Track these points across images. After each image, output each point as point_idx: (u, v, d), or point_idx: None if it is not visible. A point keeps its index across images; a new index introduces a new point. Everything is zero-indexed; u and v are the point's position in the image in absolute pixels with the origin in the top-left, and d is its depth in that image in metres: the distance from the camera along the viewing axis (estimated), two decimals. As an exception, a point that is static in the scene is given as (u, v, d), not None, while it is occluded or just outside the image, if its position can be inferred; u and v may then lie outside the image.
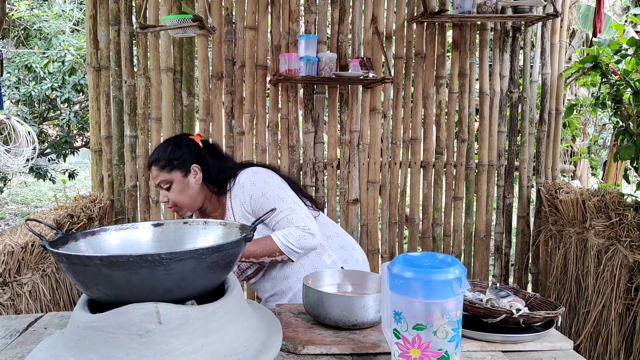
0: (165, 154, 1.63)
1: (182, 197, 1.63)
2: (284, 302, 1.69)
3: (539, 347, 1.06)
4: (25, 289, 1.78)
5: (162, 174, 1.62)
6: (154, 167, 1.64)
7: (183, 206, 1.65)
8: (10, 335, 1.10)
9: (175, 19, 2.13)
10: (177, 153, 1.63)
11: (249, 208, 1.61)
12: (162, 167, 1.62)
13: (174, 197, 1.63)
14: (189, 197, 1.64)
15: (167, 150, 1.64)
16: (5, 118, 4.51)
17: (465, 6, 2.63)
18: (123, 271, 0.83)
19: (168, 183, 1.62)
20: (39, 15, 6.42)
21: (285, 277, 1.67)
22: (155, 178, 1.64)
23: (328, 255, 1.69)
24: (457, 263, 0.88)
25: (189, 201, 1.64)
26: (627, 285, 2.23)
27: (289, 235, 1.56)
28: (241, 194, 1.62)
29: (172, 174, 1.62)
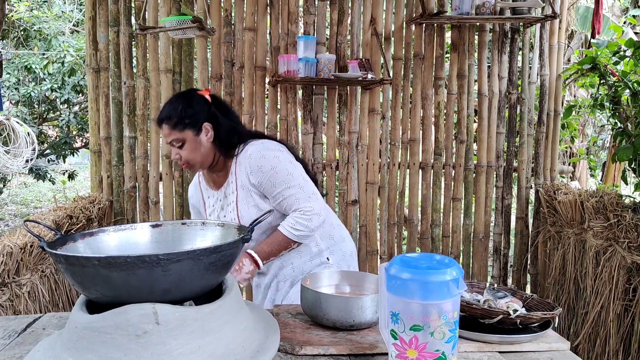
0: (177, 112, 1.60)
1: (194, 155, 1.61)
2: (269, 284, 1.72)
3: (536, 347, 1.06)
4: (24, 289, 1.78)
5: (174, 133, 1.60)
6: (165, 125, 1.61)
7: (195, 164, 1.63)
8: (9, 336, 1.10)
9: (174, 20, 2.14)
10: (189, 111, 1.60)
11: (255, 180, 1.59)
12: (174, 126, 1.59)
13: (186, 155, 1.61)
14: (201, 155, 1.62)
15: (179, 108, 1.60)
16: (5, 119, 4.51)
17: (464, 7, 2.64)
18: (121, 272, 0.83)
19: (180, 142, 1.60)
20: (39, 16, 6.42)
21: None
22: (167, 136, 1.61)
23: (316, 243, 1.69)
24: (454, 264, 0.88)
25: (201, 159, 1.63)
26: (625, 286, 2.23)
27: (296, 225, 1.56)
28: (248, 164, 1.60)
29: (184, 132, 1.59)
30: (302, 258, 1.68)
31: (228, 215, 1.66)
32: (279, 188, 1.57)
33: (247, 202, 1.61)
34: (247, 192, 1.61)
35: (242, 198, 1.62)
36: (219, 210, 1.69)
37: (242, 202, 1.62)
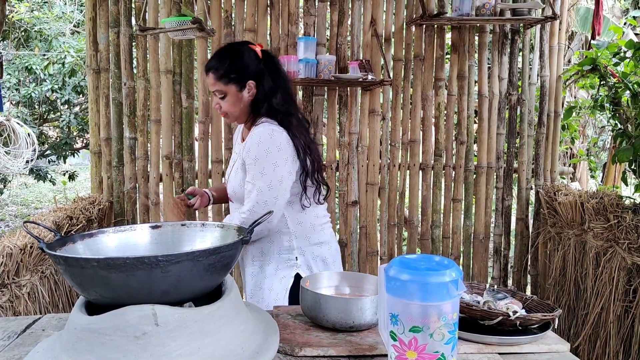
0: (224, 65, 1.62)
1: (234, 109, 1.65)
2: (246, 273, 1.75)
3: (535, 349, 1.06)
4: (24, 290, 1.78)
5: (218, 84, 1.63)
6: (211, 74, 1.64)
7: (233, 116, 1.68)
8: (8, 337, 1.10)
9: (174, 21, 2.14)
10: (236, 66, 1.62)
11: (244, 155, 1.62)
12: (219, 78, 1.62)
13: (226, 107, 1.65)
14: (239, 110, 1.66)
15: (227, 61, 1.62)
16: (5, 120, 4.52)
17: (464, 9, 2.64)
18: (120, 273, 0.83)
19: (222, 94, 1.64)
20: (39, 17, 6.43)
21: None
22: (211, 85, 1.65)
23: (289, 238, 1.69)
24: (454, 265, 0.88)
25: (238, 114, 1.67)
26: (626, 288, 2.23)
27: (232, 219, 1.62)
28: (249, 140, 1.63)
29: (228, 86, 1.63)
30: (272, 247, 1.69)
31: (229, 171, 1.75)
32: (249, 177, 1.60)
33: (237, 170, 1.67)
34: (241, 163, 1.65)
35: (236, 165, 1.68)
36: (232, 162, 1.76)
37: (234, 168, 1.69)
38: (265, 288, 1.68)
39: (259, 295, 1.69)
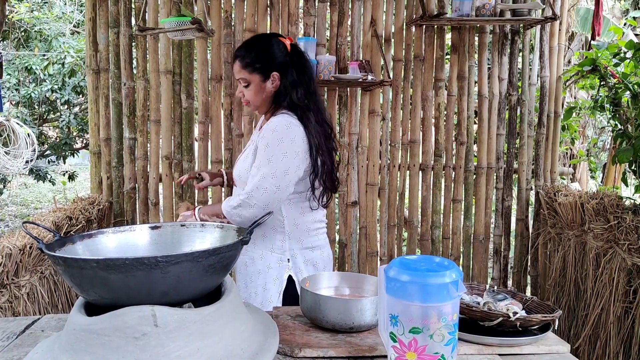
0: (251, 55, 1.64)
1: (256, 98, 1.67)
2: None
3: (535, 350, 1.06)
4: (24, 291, 1.78)
5: (243, 72, 1.65)
6: (237, 62, 1.66)
7: (255, 105, 1.70)
8: (8, 338, 1.10)
9: (174, 21, 2.14)
10: (263, 56, 1.64)
11: (257, 141, 1.64)
12: (245, 66, 1.64)
13: (249, 95, 1.67)
14: (262, 99, 1.68)
15: (254, 51, 1.65)
16: (5, 120, 4.51)
17: (464, 9, 2.64)
18: (119, 274, 0.83)
19: (246, 82, 1.66)
20: (39, 18, 6.42)
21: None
22: (236, 72, 1.67)
23: (282, 237, 1.68)
24: (454, 266, 0.88)
25: (260, 103, 1.69)
26: (626, 288, 2.23)
27: (228, 201, 1.63)
28: (264, 127, 1.65)
29: (252, 75, 1.64)
30: (264, 242, 1.68)
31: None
32: (256, 163, 1.61)
33: (247, 155, 1.68)
34: (252, 149, 1.66)
35: (246, 151, 1.70)
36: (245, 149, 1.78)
37: (244, 154, 1.71)
38: (259, 285, 1.68)
39: (252, 288, 1.69)
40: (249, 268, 1.70)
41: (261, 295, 1.67)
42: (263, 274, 1.68)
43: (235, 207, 1.58)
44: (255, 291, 1.68)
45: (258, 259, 1.69)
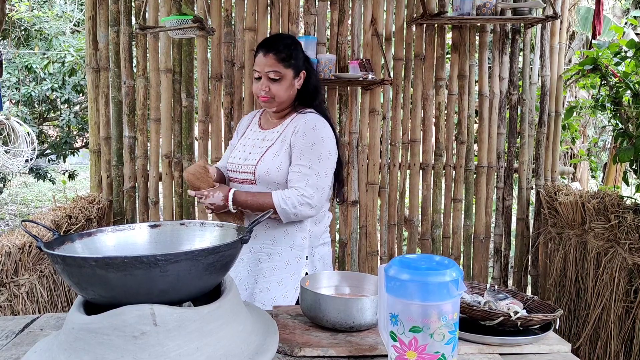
0: (288, 50, 1.65)
1: (284, 94, 1.66)
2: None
3: (536, 349, 1.05)
4: (23, 290, 1.78)
5: (278, 66, 1.63)
6: (271, 55, 1.63)
7: (279, 101, 1.67)
8: (6, 337, 1.09)
9: (175, 20, 2.14)
10: (297, 54, 1.67)
11: (294, 141, 1.63)
12: (282, 60, 1.63)
13: (277, 90, 1.64)
14: (288, 96, 1.67)
15: (290, 47, 1.66)
16: (5, 119, 4.51)
17: (465, 8, 2.63)
18: (118, 272, 0.82)
19: (279, 76, 1.64)
20: (40, 16, 6.42)
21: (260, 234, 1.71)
22: (267, 65, 1.63)
23: (303, 235, 1.69)
24: (454, 265, 0.88)
25: (286, 99, 1.67)
26: (627, 288, 2.23)
27: (288, 198, 1.58)
28: (300, 125, 1.65)
29: (287, 70, 1.65)
30: (284, 238, 1.68)
31: (252, 154, 1.70)
32: (303, 161, 1.61)
33: (276, 153, 1.65)
34: (283, 146, 1.65)
35: (274, 148, 1.66)
36: (250, 147, 1.74)
37: (272, 151, 1.66)
38: (274, 280, 1.68)
39: (264, 284, 1.68)
40: (262, 264, 1.69)
41: (274, 291, 1.67)
42: (279, 269, 1.69)
43: (296, 206, 1.58)
44: (268, 287, 1.67)
45: (276, 255, 1.69)
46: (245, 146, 1.76)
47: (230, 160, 1.77)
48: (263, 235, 1.70)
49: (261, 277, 1.69)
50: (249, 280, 1.70)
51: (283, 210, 1.58)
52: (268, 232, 1.69)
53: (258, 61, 1.66)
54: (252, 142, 1.75)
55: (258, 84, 1.67)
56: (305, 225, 1.70)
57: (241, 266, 1.72)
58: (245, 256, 1.72)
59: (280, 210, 1.58)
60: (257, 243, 1.70)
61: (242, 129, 1.85)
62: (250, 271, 1.71)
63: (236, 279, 1.69)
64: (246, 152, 1.73)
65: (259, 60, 1.65)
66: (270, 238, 1.69)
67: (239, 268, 1.72)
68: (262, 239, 1.70)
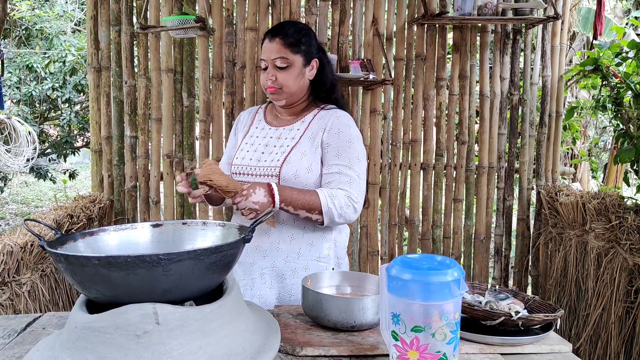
0: (297, 35, 1.49)
1: (293, 84, 1.50)
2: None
3: (537, 349, 1.05)
4: (25, 289, 1.78)
5: (285, 52, 1.47)
6: (278, 40, 1.48)
7: (288, 92, 1.51)
8: (9, 335, 1.10)
9: (176, 19, 2.14)
10: (308, 39, 1.51)
11: (328, 139, 1.49)
12: (289, 45, 1.48)
13: (285, 79, 1.49)
14: (298, 86, 1.52)
15: (300, 32, 1.50)
16: (6, 118, 4.52)
17: (466, 8, 2.63)
18: (121, 272, 0.82)
19: (287, 63, 1.48)
20: (41, 16, 6.43)
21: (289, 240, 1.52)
22: (274, 52, 1.48)
23: (329, 245, 1.54)
24: (456, 265, 0.88)
25: (295, 90, 1.52)
26: (627, 288, 2.23)
27: (335, 198, 1.42)
28: (332, 122, 1.50)
29: (296, 56, 1.49)
30: (310, 251, 1.52)
31: (268, 155, 1.52)
32: (342, 161, 1.47)
33: (303, 152, 1.49)
34: (313, 145, 1.50)
35: (301, 147, 1.50)
36: (262, 145, 1.56)
37: (298, 150, 1.50)
38: (294, 293, 1.53)
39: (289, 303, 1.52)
40: (287, 280, 1.52)
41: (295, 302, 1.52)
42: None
43: (343, 207, 1.42)
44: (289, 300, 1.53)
45: (301, 269, 1.52)
46: (254, 145, 1.57)
47: (235, 162, 1.57)
48: (288, 248, 1.52)
49: (286, 295, 1.53)
50: (271, 299, 1.53)
51: (329, 210, 1.41)
52: (293, 243, 1.51)
53: (264, 48, 1.51)
54: (264, 140, 1.57)
55: (264, 74, 1.52)
56: (331, 235, 1.55)
57: (261, 282, 1.54)
58: (267, 272, 1.53)
59: (327, 210, 1.41)
60: (281, 256, 1.52)
61: (244, 126, 1.66)
62: (273, 289, 1.54)
63: (256, 298, 1.53)
64: (258, 152, 1.54)
65: (265, 47, 1.50)
66: (296, 250, 1.52)
67: (259, 285, 1.54)
68: (287, 251, 1.52)
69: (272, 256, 1.53)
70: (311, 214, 1.42)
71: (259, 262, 1.54)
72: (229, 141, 1.72)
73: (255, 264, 1.55)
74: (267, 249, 1.53)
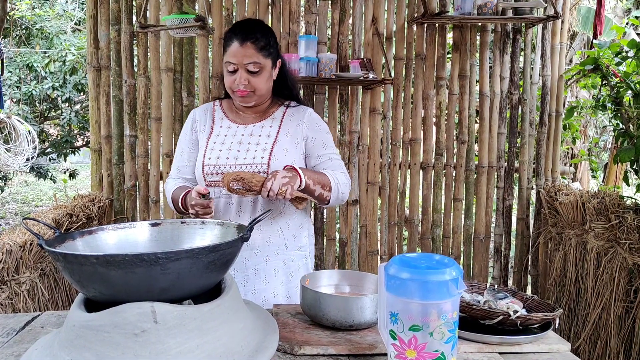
0: (266, 38, 1.51)
1: (264, 86, 1.53)
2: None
3: (536, 349, 1.05)
4: (24, 287, 1.78)
5: (258, 56, 1.49)
6: (250, 45, 1.47)
7: (259, 95, 1.54)
8: (7, 334, 1.10)
9: (176, 18, 2.14)
10: (273, 41, 1.55)
11: (309, 133, 1.60)
12: (261, 49, 1.49)
13: (257, 82, 1.51)
14: (267, 88, 1.55)
15: (267, 34, 1.52)
16: (6, 117, 4.52)
17: (466, 7, 2.63)
18: (119, 270, 0.82)
19: (259, 68, 1.49)
20: (41, 15, 6.43)
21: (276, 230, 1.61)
22: (246, 57, 1.47)
23: (306, 235, 1.66)
24: (454, 264, 0.88)
25: (266, 92, 1.56)
26: (627, 288, 2.23)
27: (338, 176, 1.57)
28: (306, 119, 1.61)
29: (267, 60, 1.51)
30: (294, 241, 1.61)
31: (248, 151, 1.54)
32: (329, 150, 1.61)
33: (286, 149, 1.55)
34: (293, 141, 1.58)
35: (281, 144, 1.56)
36: (235, 143, 1.57)
37: (280, 147, 1.55)
38: (292, 287, 1.60)
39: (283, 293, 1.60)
40: (279, 272, 1.60)
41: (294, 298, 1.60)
42: (295, 275, 1.62)
43: (345, 185, 1.58)
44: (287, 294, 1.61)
45: (290, 260, 1.61)
46: (225, 144, 1.57)
47: (208, 162, 1.55)
48: (277, 240, 1.59)
49: (280, 287, 1.59)
50: (267, 295, 1.58)
51: (336, 187, 1.54)
52: (282, 236, 1.59)
53: (233, 51, 1.48)
54: (235, 138, 1.57)
55: (233, 77, 1.50)
56: (306, 224, 1.66)
57: (255, 278, 1.59)
58: (261, 267, 1.59)
59: (335, 188, 1.54)
60: (272, 250, 1.59)
61: (204, 125, 1.63)
62: (269, 284, 1.59)
63: (250, 294, 1.58)
64: (233, 149, 1.55)
65: (235, 51, 1.48)
66: (283, 242, 1.60)
67: (253, 280, 1.59)
68: (277, 244, 1.59)
69: (265, 251, 1.59)
70: (324, 191, 1.53)
71: (252, 259, 1.59)
72: (184, 141, 1.67)
73: (248, 261, 1.59)
74: (259, 244, 1.58)
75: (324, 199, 1.54)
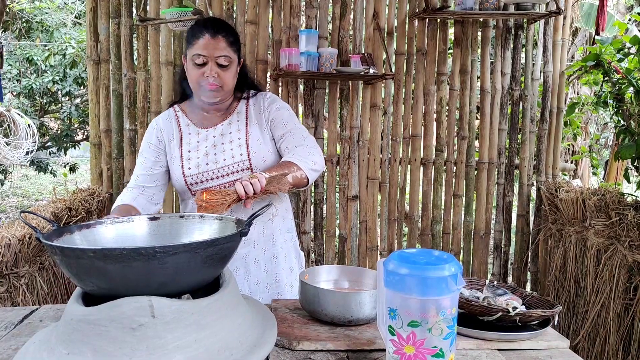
0: (235, 33, 1.54)
1: (231, 82, 1.54)
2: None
3: (535, 345, 1.05)
4: (23, 281, 1.78)
5: (229, 50, 1.50)
6: (222, 38, 1.48)
7: (227, 90, 1.54)
8: (6, 328, 1.10)
9: (175, 12, 2.13)
10: (238, 37, 1.57)
11: (271, 115, 1.58)
12: (231, 44, 1.51)
13: (226, 77, 1.51)
14: (233, 85, 1.56)
15: (234, 33, 1.54)
16: (6, 110, 4.51)
17: (467, 2, 2.62)
18: (117, 264, 0.82)
19: (229, 62, 1.50)
20: (41, 8, 6.40)
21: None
22: (218, 49, 1.47)
23: (290, 217, 1.70)
24: (453, 260, 0.87)
25: (231, 89, 1.56)
26: (626, 285, 2.23)
27: (297, 153, 1.50)
28: (266, 103, 1.60)
29: (235, 55, 1.53)
30: (284, 223, 1.65)
31: (224, 152, 1.55)
32: (289, 126, 1.57)
33: (259, 140, 1.56)
34: (261, 130, 1.58)
35: (253, 136, 1.56)
36: (209, 147, 1.56)
37: (253, 140, 1.56)
38: (287, 267, 1.66)
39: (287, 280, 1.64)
40: (279, 259, 1.63)
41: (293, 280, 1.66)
42: (288, 257, 1.67)
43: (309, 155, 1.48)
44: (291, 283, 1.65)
45: (283, 243, 1.65)
46: (200, 151, 1.56)
47: (190, 172, 1.55)
48: (270, 228, 1.62)
49: (281, 272, 1.63)
50: (270, 281, 1.62)
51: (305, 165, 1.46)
52: (273, 222, 1.62)
53: (204, 44, 1.46)
54: (207, 142, 1.57)
55: (201, 70, 1.48)
56: (289, 204, 1.71)
57: (256, 270, 1.61)
58: (260, 258, 1.61)
59: (304, 165, 1.46)
60: (268, 239, 1.62)
61: (171, 134, 1.61)
62: (269, 272, 1.62)
63: (255, 284, 1.61)
64: (210, 154, 1.55)
65: (206, 43, 1.46)
66: (277, 228, 1.64)
67: (255, 271, 1.61)
68: (271, 233, 1.62)
69: (261, 242, 1.62)
70: (295, 173, 1.45)
71: (252, 253, 1.62)
72: (147, 150, 1.65)
73: (248, 256, 1.62)
74: (255, 238, 1.61)
75: (303, 179, 1.46)
